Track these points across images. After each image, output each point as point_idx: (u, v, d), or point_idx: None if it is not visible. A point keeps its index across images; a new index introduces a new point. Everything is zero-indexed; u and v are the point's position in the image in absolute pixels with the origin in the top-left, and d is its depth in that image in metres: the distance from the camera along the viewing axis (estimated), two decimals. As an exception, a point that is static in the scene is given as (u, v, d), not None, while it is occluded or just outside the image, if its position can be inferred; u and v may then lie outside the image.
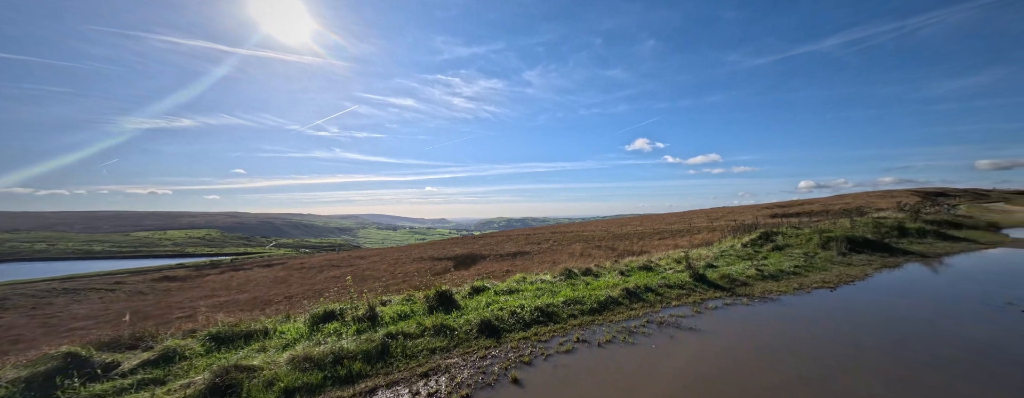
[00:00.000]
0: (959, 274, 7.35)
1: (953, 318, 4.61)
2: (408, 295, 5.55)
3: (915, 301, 5.34)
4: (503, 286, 5.96)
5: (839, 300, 5.52)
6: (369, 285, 22.21)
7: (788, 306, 5.25)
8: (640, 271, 7.24)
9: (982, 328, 4.19)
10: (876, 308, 5.06)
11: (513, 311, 4.68)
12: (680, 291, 5.82)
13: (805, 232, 12.35)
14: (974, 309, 4.89)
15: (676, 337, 4.20)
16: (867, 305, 5.22)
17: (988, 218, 21.19)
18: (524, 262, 28.28)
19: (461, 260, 36.81)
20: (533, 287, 5.91)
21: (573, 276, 6.67)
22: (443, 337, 4.13)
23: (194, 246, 73.42)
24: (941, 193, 50.92)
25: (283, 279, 28.74)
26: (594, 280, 6.53)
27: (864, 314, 4.83)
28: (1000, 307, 4.93)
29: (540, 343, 4.10)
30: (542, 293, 5.58)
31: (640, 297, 5.44)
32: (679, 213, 67.07)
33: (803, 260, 8.57)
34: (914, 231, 13.51)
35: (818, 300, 5.51)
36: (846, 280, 6.82)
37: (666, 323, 4.62)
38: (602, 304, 5.07)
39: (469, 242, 57.46)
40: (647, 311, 4.99)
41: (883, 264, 8.59)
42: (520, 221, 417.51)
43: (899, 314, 4.77)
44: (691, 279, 6.27)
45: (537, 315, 4.67)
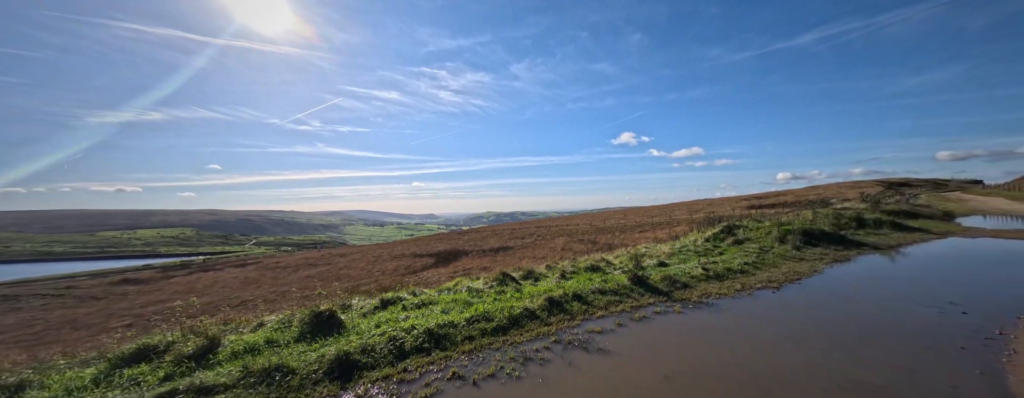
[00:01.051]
0: (905, 269, 7.20)
1: (888, 326, 4.29)
2: (288, 315, 4.82)
3: (854, 305, 5.04)
4: (416, 299, 5.34)
5: (777, 304, 5.19)
6: (338, 285, 21.42)
7: (722, 313, 4.87)
8: (586, 272, 6.83)
9: (915, 342, 3.86)
10: (811, 315, 4.73)
11: (394, 337, 3.97)
12: (612, 298, 5.35)
13: (766, 225, 12.35)
14: (912, 313, 4.62)
15: (576, 364, 3.63)
16: (804, 310, 4.89)
17: (944, 207, 21.99)
18: (506, 257, 28.04)
19: (443, 257, 36.26)
20: (450, 299, 5.31)
21: (505, 283, 6.08)
22: (269, 384, 3.20)
23: (167, 245, 70.25)
24: (904, 183, 53.18)
25: (254, 280, 27.61)
26: (530, 286, 6.00)
27: (797, 322, 4.48)
28: (941, 309, 4.68)
29: (402, 384, 3.37)
30: (456, 307, 5.00)
31: (564, 307, 4.94)
32: (661, 206, 68.00)
33: (756, 256, 8.43)
34: (872, 222, 13.73)
35: (756, 304, 5.17)
36: (793, 278, 6.57)
37: (575, 343, 4.07)
38: (514, 319, 4.54)
39: (454, 238, 57.02)
40: (563, 327, 4.48)
41: (835, 258, 8.42)
42: (509, 215, 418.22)
43: (832, 322, 4.44)
44: (630, 282, 5.85)
45: (423, 340, 4.00)
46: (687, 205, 53.92)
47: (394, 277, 24.05)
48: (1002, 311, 4.58)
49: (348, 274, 27.28)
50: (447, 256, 35.83)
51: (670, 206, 58.61)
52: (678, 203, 63.41)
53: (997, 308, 4.69)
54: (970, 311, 4.59)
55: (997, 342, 3.67)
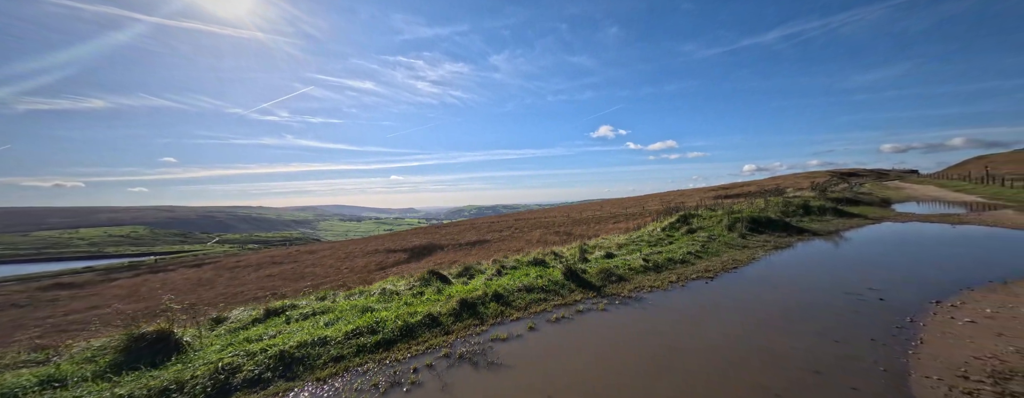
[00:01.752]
0: (837, 254, 7.30)
1: (804, 319, 4.04)
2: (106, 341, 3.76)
3: (778, 295, 4.90)
4: (310, 307, 4.62)
5: (703, 297, 4.98)
6: (300, 285, 20.21)
7: (645, 309, 4.57)
8: (528, 267, 6.37)
9: (827, 335, 3.67)
10: (738, 306, 4.53)
11: (227, 367, 3.17)
12: (537, 296, 4.93)
13: (718, 214, 12.52)
14: (832, 301, 4.50)
15: (453, 385, 3.08)
16: (727, 303, 4.68)
17: (883, 194, 23.53)
18: (481, 251, 27.58)
19: (418, 251, 35.27)
20: (349, 306, 4.64)
21: (429, 283, 5.51)
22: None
23: (116, 245, 64.52)
24: (853, 173, 57.14)
25: (208, 281, 25.68)
26: (459, 285, 5.46)
27: (714, 319, 4.23)
28: (860, 296, 4.61)
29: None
30: (346, 316, 4.31)
31: (477, 311, 4.43)
32: (637, 197, 69.52)
33: (702, 244, 8.34)
34: (817, 209, 14.30)
35: (683, 298, 4.94)
36: (730, 267, 6.47)
37: (467, 357, 3.54)
38: (408, 329, 3.94)
39: (431, 232, 55.96)
40: (466, 335, 3.97)
41: (776, 245, 8.49)
42: (491, 208, 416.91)
43: (750, 317, 4.23)
44: (563, 277, 5.48)
45: (268, 367, 3.21)
46: (660, 196, 55.36)
47: (362, 275, 23.04)
48: (917, 296, 4.56)
49: (313, 272, 25.96)
50: (422, 251, 34.92)
51: (644, 197, 60.01)
52: (652, 194, 65.04)
53: (912, 293, 4.67)
54: (887, 297, 4.53)
55: (906, 331, 3.55)
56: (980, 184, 26.30)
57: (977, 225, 10.44)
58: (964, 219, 11.55)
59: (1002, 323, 3.35)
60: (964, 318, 3.56)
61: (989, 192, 20.42)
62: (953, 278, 5.12)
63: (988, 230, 9.42)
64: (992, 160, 43.98)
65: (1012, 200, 16.06)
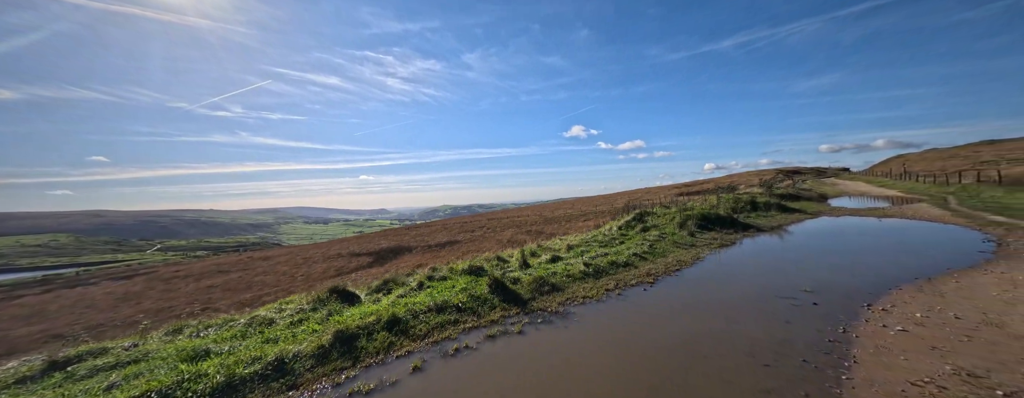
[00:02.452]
0: (777, 252, 7.20)
1: (736, 336, 3.63)
2: None
3: (718, 299, 4.56)
4: (114, 356, 3.42)
5: (639, 307, 4.48)
6: (242, 297, 18.25)
7: (569, 328, 3.91)
8: (461, 276, 5.63)
9: (757, 358, 3.29)
10: (668, 319, 4.05)
11: None
12: (447, 318, 4.10)
13: (672, 211, 12.66)
14: (766, 309, 4.16)
15: None
16: (664, 314, 4.21)
17: (821, 190, 25.42)
18: (449, 253, 26.46)
19: (384, 254, 33.55)
20: (174, 351, 3.56)
21: (327, 303, 4.61)
22: None
23: (32, 257, 56.15)
24: (796, 171, 62.13)
25: (135, 296, 22.61)
26: (370, 304, 4.62)
27: (647, 334, 3.73)
28: (795, 301, 4.32)
29: None
30: (166, 364, 3.28)
31: (353, 346, 3.52)
32: (606, 195, 71.07)
33: (651, 244, 7.95)
34: (763, 205, 14.93)
35: (614, 311, 4.37)
36: (673, 269, 6.13)
37: None
38: (229, 388, 2.91)
39: (401, 234, 53.99)
40: (318, 387, 3.06)
41: (722, 242, 8.40)
42: (466, 208, 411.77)
43: (686, 329, 3.81)
44: (488, 291, 4.78)
45: None
46: (628, 194, 56.89)
47: (316, 283, 21.38)
48: (849, 298, 4.34)
49: (263, 281, 23.70)
50: (388, 254, 33.22)
51: (614, 195, 61.50)
52: (622, 192, 66.79)
53: (844, 294, 4.47)
54: (821, 300, 4.29)
55: (840, 347, 3.12)
56: (899, 180, 29.24)
57: (899, 218, 11.25)
58: (888, 213, 12.44)
59: (933, 332, 3.15)
60: (896, 326, 3.33)
61: (906, 187, 22.59)
62: (882, 276, 5.05)
63: (908, 223, 10.13)
64: (908, 159, 49.48)
65: (925, 194, 17.75)
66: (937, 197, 15.89)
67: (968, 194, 15.27)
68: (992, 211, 10.75)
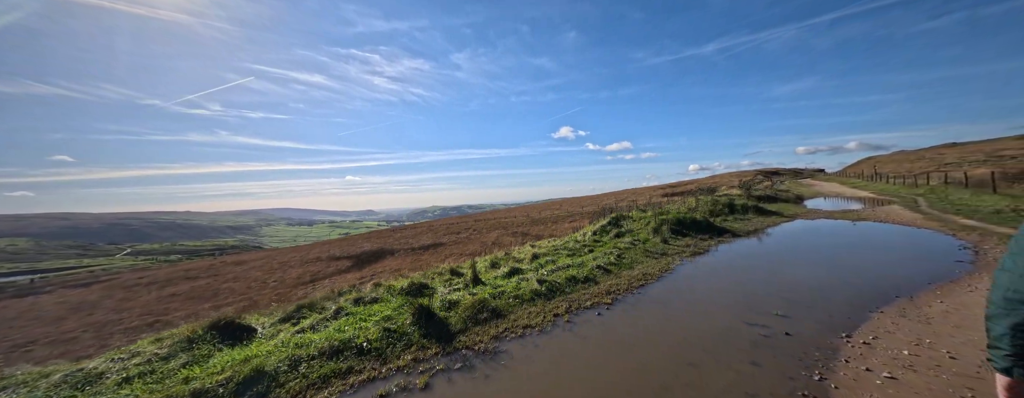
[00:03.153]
0: (750, 261, 6.63)
1: (694, 381, 3.05)
2: None
3: (678, 327, 3.93)
4: None
5: (588, 339, 3.75)
6: (201, 306, 16.91)
7: (489, 377, 3.09)
8: (395, 298, 4.81)
9: None
10: (618, 357, 3.33)
11: None
12: (338, 366, 3.17)
13: (648, 215, 12.19)
14: (732, 339, 3.55)
15: None
16: (614, 349, 3.50)
17: (798, 191, 25.66)
18: (432, 256, 25.64)
19: (365, 258, 32.47)
20: None
21: (200, 342, 3.61)
22: None
23: (-18, 265, 52.27)
24: (775, 172, 63.60)
25: (90, 305, 20.84)
26: (258, 344, 3.71)
27: (590, 377, 3.04)
28: (765, 328, 3.69)
29: None
30: None
31: None
32: (594, 196, 71.37)
33: (620, 253, 7.31)
34: (740, 207, 14.67)
35: (560, 344, 3.63)
36: (637, 285, 5.43)
37: None
38: None
39: (385, 236, 52.88)
40: None
41: (696, 250, 7.85)
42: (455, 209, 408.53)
43: (639, 362, 3.17)
44: (411, 321, 3.90)
45: None
46: (615, 195, 56.99)
47: (290, 289, 20.23)
48: (826, 327, 3.69)
49: (231, 289, 22.26)
50: (369, 257, 32.15)
51: (601, 196, 61.58)
52: (609, 193, 66.96)
53: (821, 321, 3.82)
54: (795, 329, 3.64)
55: None
56: (871, 182, 29.91)
57: (873, 221, 11.07)
58: (862, 215, 12.30)
59: (927, 380, 2.53)
60: (882, 371, 2.65)
61: (878, 188, 22.96)
62: (860, 294, 4.47)
63: (882, 226, 9.91)
64: (878, 160, 51.13)
65: (895, 195, 17.96)
66: (907, 199, 15.99)
67: (937, 196, 15.39)
68: (963, 214, 10.67)
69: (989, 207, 10.93)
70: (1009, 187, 15.02)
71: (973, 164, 29.01)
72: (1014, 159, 25.10)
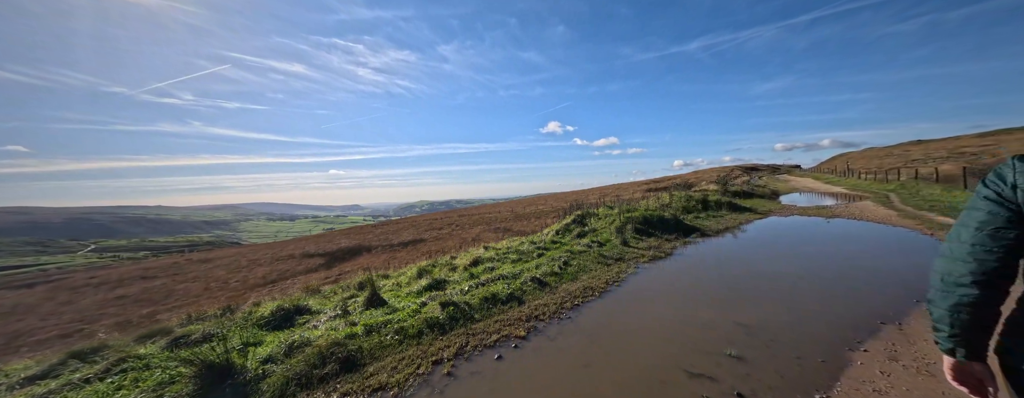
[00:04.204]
0: (710, 268, 5.64)
1: None
2: None
3: (603, 373, 2.88)
4: None
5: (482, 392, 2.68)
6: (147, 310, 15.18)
7: None
8: (266, 334, 3.62)
9: None
10: None
11: None
12: None
13: (614, 213, 11.23)
14: (663, 392, 2.57)
15: None
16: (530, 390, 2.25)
17: (774, 187, 25.41)
18: (412, 252, 24.53)
19: (340, 255, 30.81)
20: None
21: None
22: None
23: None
24: (754, 168, 64.42)
25: (24, 309, 18.59)
26: None
27: None
28: (712, 381, 2.65)
29: None
30: None
31: None
32: (579, 191, 70.89)
33: (565, 261, 6.13)
34: (714, 203, 13.95)
35: None
36: (571, 305, 4.30)
37: None
38: None
39: (365, 232, 51.15)
40: None
41: (656, 254, 6.80)
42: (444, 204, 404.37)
43: None
44: (192, 388, 2.60)
45: None
46: (600, 190, 56.39)
47: (252, 291, 18.53)
48: (793, 381, 2.62)
49: (186, 290, 20.29)
50: (344, 254, 30.54)
51: (586, 191, 60.95)
52: (594, 188, 66.45)
53: (787, 369, 2.76)
54: (750, 385, 2.56)
55: None
56: (844, 178, 30.11)
57: (846, 218, 10.44)
58: (836, 212, 11.70)
59: None
60: None
61: (850, 184, 22.86)
62: (839, 319, 3.51)
63: (857, 225, 9.24)
64: (851, 157, 52.23)
65: (868, 191, 17.74)
66: (880, 195, 15.69)
67: (908, 192, 15.07)
68: (936, 211, 10.13)
69: (963, 204, 10.43)
70: (976, 182, 14.88)
71: (937, 160, 29.49)
72: (974, 155, 25.63)
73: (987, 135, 34.25)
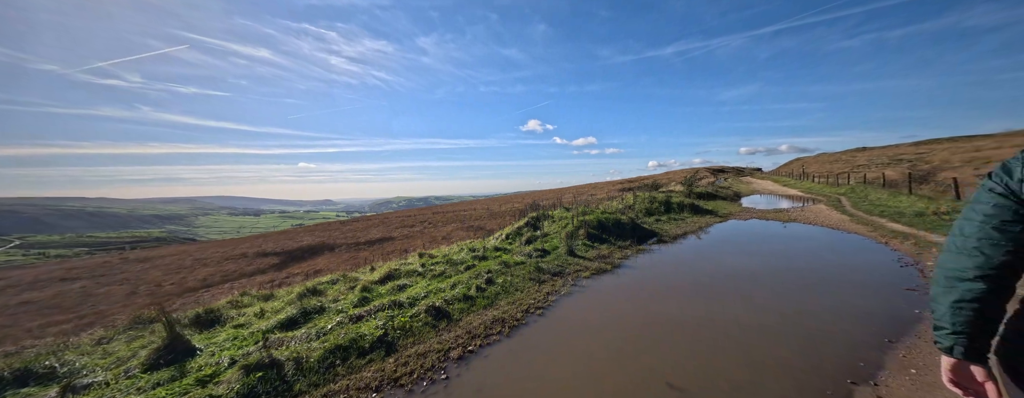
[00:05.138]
0: (653, 287, 4.78)
1: None
2: None
3: None
4: None
5: None
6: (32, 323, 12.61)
7: None
8: None
9: None
10: None
11: None
12: None
13: (569, 215, 10.43)
14: None
15: None
16: None
17: (737, 188, 25.86)
18: (373, 253, 22.78)
19: (298, 254, 28.12)
20: None
21: None
22: None
23: None
24: (721, 170, 66.91)
25: None
26: None
27: None
28: None
29: None
30: None
31: None
32: (555, 189, 70.78)
33: (488, 279, 5.05)
34: (676, 206, 13.50)
35: None
36: (465, 348, 3.20)
37: None
38: None
39: (333, 228, 48.10)
40: None
41: (602, 266, 5.83)
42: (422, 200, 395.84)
43: None
44: None
45: None
46: (575, 188, 56.22)
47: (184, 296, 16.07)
48: None
49: (110, 294, 17.41)
50: (303, 253, 27.91)
51: (561, 190, 60.69)
52: (570, 187, 66.33)
53: None
54: None
55: None
56: (800, 181, 31.38)
57: (803, 222, 10.19)
58: (792, 216, 11.49)
59: None
60: None
61: (806, 187, 23.58)
62: (794, 374, 2.65)
63: (811, 230, 8.88)
64: (805, 161, 55.24)
65: (821, 194, 18.17)
66: (832, 198, 15.98)
67: (858, 195, 15.38)
68: (887, 216, 10.04)
69: (910, 209, 10.43)
70: (919, 187, 15.52)
71: (880, 165, 31.31)
72: (910, 162, 27.53)
73: (921, 144, 37.21)
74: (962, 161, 22.89)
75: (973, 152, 25.04)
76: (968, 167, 20.41)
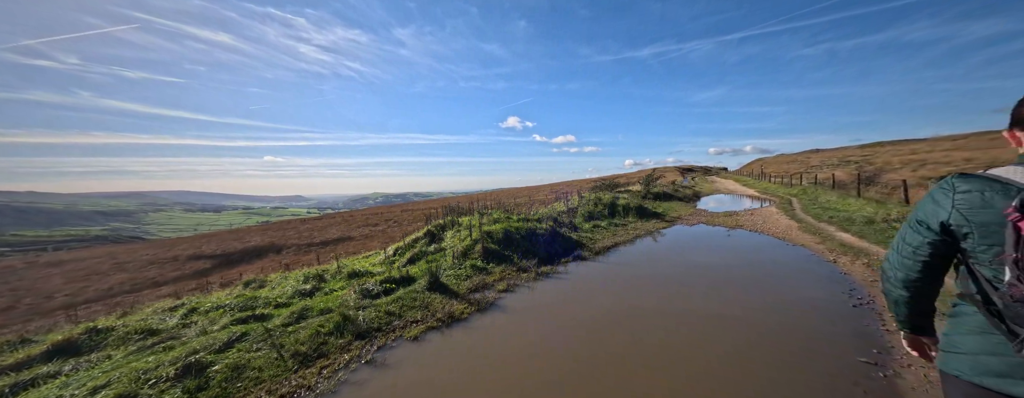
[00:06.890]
0: (521, 355, 3.20)
1: None
2: None
3: None
4: None
5: None
6: None
7: None
8: None
9: None
10: None
11: None
12: None
13: (476, 224, 8.73)
14: None
15: None
16: None
17: (700, 188, 25.17)
18: (325, 254, 20.35)
19: (238, 256, 25.01)
20: None
21: None
22: None
23: None
24: (691, 169, 67.92)
25: None
26: None
27: None
28: None
29: None
30: None
31: None
32: (531, 187, 69.47)
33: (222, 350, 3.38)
34: (622, 208, 12.08)
35: None
36: None
37: None
38: None
39: (287, 227, 44.29)
40: None
41: (455, 311, 4.14)
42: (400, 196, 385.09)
43: None
44: None
45: None
46: (551, 186, 54.82)
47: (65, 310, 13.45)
48: None
49: None
50: (245, 256, 24.79)
51: (537, 187, 59.16)
52: (546, 185, 64.87)
53: None
54: None
55: None
56: (758, 180, 31.50)
57: (749, 230, 9.01)
58: (740, 221, 10.33)
59: None
60: None
61: (762, 187, 23.22)
62: None
63: (756, 241, 7.62)
64: (765, 162, 56.79)
65: (775, 194, 17.56)
66: (784, 199, 15.30)
67: (809, 197, 14.71)
68: (836, 223, 8.99)
69: (859, 214, 9.48)
70: (867, 189, 15.15)
71: (831, 167, 31.90)
72: (857, 163, 28.39)
73: (866, 146, 39.08)
74: (901, 163, 23.70)
75: (910, 154, 26.20)
76: (907, 168, 20.89)
